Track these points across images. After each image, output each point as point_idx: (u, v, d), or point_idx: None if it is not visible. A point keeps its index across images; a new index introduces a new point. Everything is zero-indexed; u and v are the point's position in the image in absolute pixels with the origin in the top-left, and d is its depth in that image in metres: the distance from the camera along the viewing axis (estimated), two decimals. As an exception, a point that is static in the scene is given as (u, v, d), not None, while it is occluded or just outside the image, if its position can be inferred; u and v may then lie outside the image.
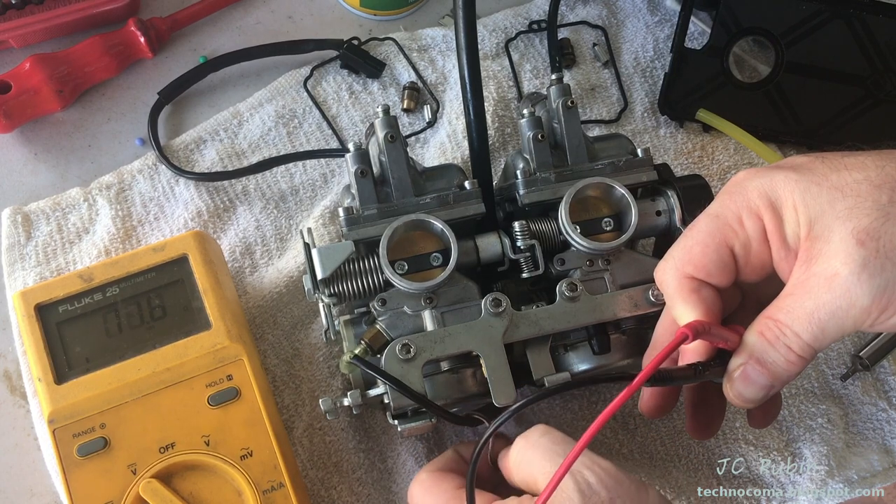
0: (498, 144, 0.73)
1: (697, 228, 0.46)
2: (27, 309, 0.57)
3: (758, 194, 0.44)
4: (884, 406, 0.66)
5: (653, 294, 0.55)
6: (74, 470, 0.54)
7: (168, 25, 0.74)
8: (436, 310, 0.55)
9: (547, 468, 0.46)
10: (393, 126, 0.56)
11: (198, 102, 0.74)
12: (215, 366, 0.57)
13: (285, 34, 0.77)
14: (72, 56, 0.71)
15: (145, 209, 0.69)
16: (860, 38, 0.73)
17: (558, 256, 0.56)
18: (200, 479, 0.55)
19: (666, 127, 0.75)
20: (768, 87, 0.74)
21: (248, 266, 0.68)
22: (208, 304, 0.58)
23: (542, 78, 0.76)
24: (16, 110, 0.69)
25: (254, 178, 0.71)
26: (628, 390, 0.39)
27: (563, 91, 0.59)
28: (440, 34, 0.77)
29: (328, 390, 0.64)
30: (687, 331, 0.41)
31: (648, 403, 0.52)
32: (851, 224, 0.40)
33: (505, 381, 0.52)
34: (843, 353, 0.68)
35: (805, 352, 0.42)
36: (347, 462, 0.62)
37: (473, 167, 0.59)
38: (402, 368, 0.52)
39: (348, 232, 0.55)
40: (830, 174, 0.42)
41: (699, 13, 0.78)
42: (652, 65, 0.77)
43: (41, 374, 0.56)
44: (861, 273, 0.39)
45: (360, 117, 0.74)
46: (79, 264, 0.67)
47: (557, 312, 0.54)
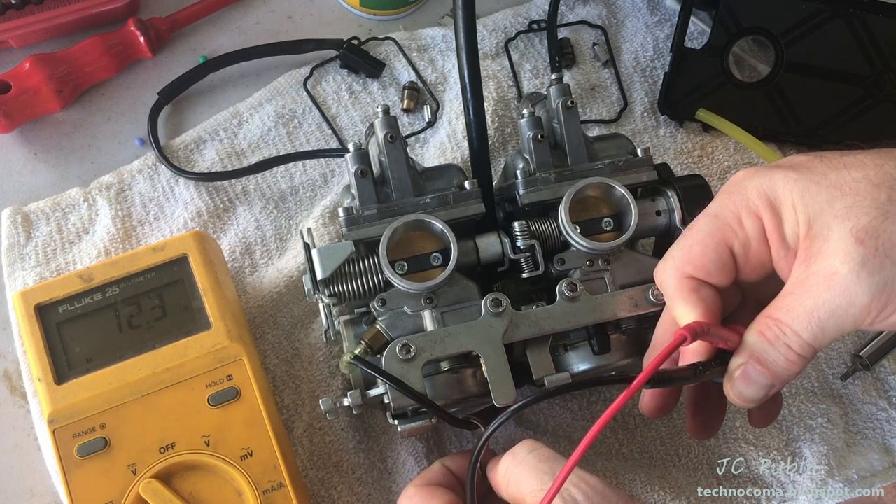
0: (498, 144, 0.73)
1: (697, 228, 0.46)
2: (27, 309, 0.57)
3: (757, 194, 0.44)
4: (884, 405, 0.66)
5: (653, 294, 0.55)
6: (74, 470, 0.54)
7: (168, 25, 0.74)
8: (436, 310, 0.55)
9: (534, 487, 0.45)
10: (393, 126, 0.56)
11: (198, 102, 0.74)
12: (215, 366, 0.57)
13: (285, 34, 0.77)
14: (72, 56, 0.71)
15: (145, 209, 0.69)
16: (860, 37, 0.73)
17: (558, 256, 0.56)
18: (200, 480, 0.55)
19: (666, 127, 0.75)
20: (768, 86, 0.74)
21: (248, 266, 0.68)
22: (208, 304, 0.58)
23: (541, 78, 0.76)
24: (16, 110, 0.69)
25: (254, 178, 0.71)
26: (627, 393, 0.39)
27: (562, 91, 0.59)
28: (440, 34, 0.77)
29: (328, 390, 0.64)
30: (685, 332, 0.41)
31: (649, 404, 0.52)
32: (850, 223, 0.40)
33: (505, 381, 0.52)
34: (843, 353, 0.68)
35: (805, 351, 0.42)
36: (347, 462, 0.62)
37: (473, 167, 0.59)
38: (402, 368, 0.52)
39: (348, 232, 0.55)
40: (829, 173, 0.42)
41: (699, 13, 0.78)
42: (652, 64, 0.77)
43: (41, 374, 0.56)
44: (860, 271, 0.39)
45: (359, 117, 0.74)
46: (79, 264, 0.67)
47: (557, 312, 0.54)
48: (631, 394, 0.39)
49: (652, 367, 0.40)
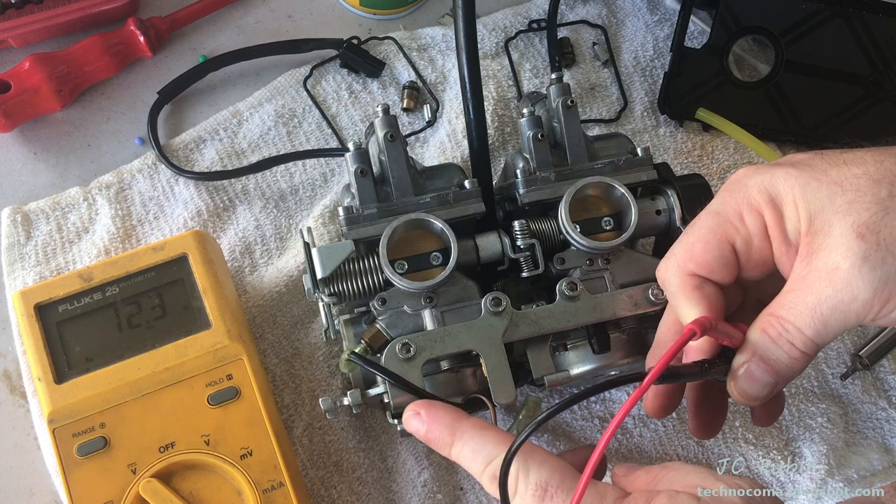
0: (498, 144, 0.73)
1: (699, 226, 0.46)
2: (27, 308, 0.57)
3: (758, 191, 0.44)
4: (883, 405, 0.66)
5: (652, 293, 0.55)
6: (74, 469, 0.54)
7: (167, 25, 0.74)
8: (436, 309, 0.55)
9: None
10: (393, 125, 0.56)
11: (197, 102, 0.74)
12: (215, 365, 0.57)
13: (285, 33, 0.77)
14: (71, 55, 0.71)
15: (145, 209, 0.69)
16: (860, 37, 0.73)
17: (558, 256, 0.56)
18: (200, 479, 0.55)
19: (665, 126, 0.75)
20: (768, 86, 0.74)
21: (247, 266, 0.68)
22: (208, 304, 0.57)
23: (541, 77, 0.76)
24: (15, 110, 0.68)
25: (253, 178, 0.71)
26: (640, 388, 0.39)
27: (562, 90, 0.59)
28: (440, 33, 0.77)
29: (328, 390, 0.64)
30: (695, 327, 0.41)
31: (653, 403, 0.52)
32: (851, 218, 0.40)
33: (505, 380, 0.52)
34: (843, 353, 0.68)
35: (808, 347, 0.42)
36: (347, 461, 0.62)
37: (473, 166, 0.59)
38: (402, 368, 0.52)
39: (348, 231, 0.55)
40: (830, 170, 0.42)
41: (699, 12, 0.78)
42: (652, 64, 0.77)
43: (41, 373, 0.56)
44: (862, 266, 0.39)
45: (359, 116, 0.74)
46: (78, 264, 0.67)
47: (557, 312, 0.54)
48: (645, 389, 0.39)
49: (664, 362, 0.40)
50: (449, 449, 0.47)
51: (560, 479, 0.42)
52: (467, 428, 0.47)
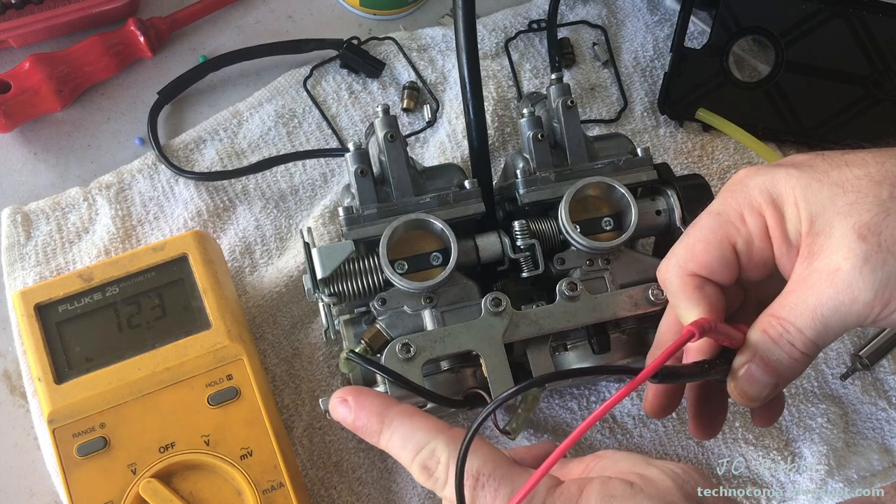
0: (498, 144, 0.73)
1: (699, 226, 0.46)
2: (27, 309, 0.57)
3: (759, 191, 0.44)
4: (883, 405, 0.66)
5: (652, 293, 0.55)
6: (74, 470, 0.54)
7: (168, 25, 0.74)
8: (436, 309, 0.55)
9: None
10: (393, 125, 0.56)
11: (197, 102, 0.74)
12: (215, 365, 0.57)
13: (285, 34, 0.77)
14: (71, 56, 0.71)
15: (145, 209, 0.69)
16: (860, 37, 0.73)
17: (558, 256, 0.56)
18: (200, 479, 0.55)
19: (666, 126, 0.75)
20: (768, 86, 0.74)
21: (247, 266, 0.68)
22: (208, 304, 0.58)
23: (541, 77, 0.76)
24: (15, 110, 0.68)
25: (253, 178, 0.71)
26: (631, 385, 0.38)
27: (562, 90, 0.59)
28: (440, 34, 0.77)
29: (328, 390, 0.64)
30: (693, 328, 0.41)
31: (653, 403, 0.52)
32: (852, 219, 0.40)
33: (505, 380, 0.52)
34: (843, 353, 0.68)
35: (808, 348, 0.42)
36: (347, 462, 0.62)
37: (473, 167, 0.59)
38: (402, 368, 0.52)
39: (348, 231, 0.55)
40: (831, 171, 0.42)
41: (699, 12, 0.78)
42: (652, 64, 0.77)
43: (41, 373, 0.56)
44: (863, 267, 0.39)
45: (359, 117, 0.74)
46: (78, 264, 0.67)
47: (557, 312, 0.54)
48: (635, 385, 0.39)
49: (659, 361, 0.40)
50: (377, 437, 0.46)
51: (492, 469, 0.42)
52: (396, 415, 0.45)
